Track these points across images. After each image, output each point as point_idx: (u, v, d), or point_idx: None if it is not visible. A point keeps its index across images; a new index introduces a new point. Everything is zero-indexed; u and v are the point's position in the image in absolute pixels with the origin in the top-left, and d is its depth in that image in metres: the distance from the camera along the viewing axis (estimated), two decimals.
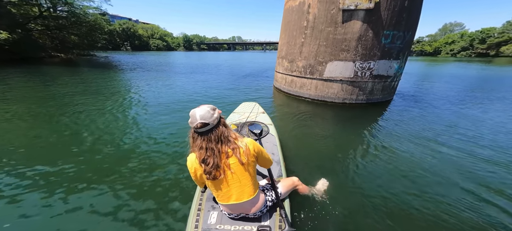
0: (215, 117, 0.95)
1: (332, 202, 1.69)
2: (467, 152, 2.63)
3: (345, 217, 1.56)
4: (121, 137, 2.88)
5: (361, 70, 4.44)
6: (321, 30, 4.60)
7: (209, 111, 0.94)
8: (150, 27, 64.72)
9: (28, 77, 7.59)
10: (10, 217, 1.52)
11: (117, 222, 1.50)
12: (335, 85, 4.76)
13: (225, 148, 0.96)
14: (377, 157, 2.48)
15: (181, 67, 13.56)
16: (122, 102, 4.80)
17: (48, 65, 11.83)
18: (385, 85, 4.79)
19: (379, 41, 4.21)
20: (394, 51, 4.39)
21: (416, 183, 2.01)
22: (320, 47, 4.70)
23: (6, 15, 13.26)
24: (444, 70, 14.51)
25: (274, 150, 1.83)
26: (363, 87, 4.64)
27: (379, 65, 4.42)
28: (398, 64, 4.66)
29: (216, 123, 0.96)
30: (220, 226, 1.09)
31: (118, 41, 51.94)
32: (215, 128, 0.96)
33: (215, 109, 0.99)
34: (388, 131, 3.35)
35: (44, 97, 4.99)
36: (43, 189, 1.83)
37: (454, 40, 47.51)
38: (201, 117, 0.92)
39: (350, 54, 4.39)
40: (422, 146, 2.80)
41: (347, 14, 4.19)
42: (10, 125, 3.25)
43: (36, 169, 2.09)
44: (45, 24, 16.96)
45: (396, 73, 4.82)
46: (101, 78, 8.16)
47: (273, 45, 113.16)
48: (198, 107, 0.97)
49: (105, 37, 23.47)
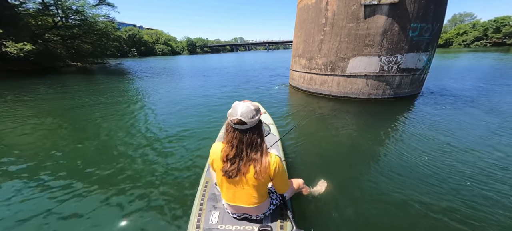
0: (255, 119, 0.88)
1: (342, 204, 1.62)
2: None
3: (354, 221, 1.49)
4: (130, 140, 2.92)
5: (387, 64, 4.36)
6: (341, 26, 4.55)
7: (252, 111, 0.87)
8: (155, 33, 66.15)
9: (51, 86, 7.96)
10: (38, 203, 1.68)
11: (118, 221, 1.52)
12: (359, 80, 4.69)
13: (252, 155, 0.90)
14: (401, 155, 2.33)
15: (188, 70, 13.76)
16: (134, 108, 4.73)
17: (67, 74, 12.34)
18: (413, 78, 4.69)
19: (406, 34, 4.11)
20: (422, 43, 4.29)
21: (454, 192, 1.70)
22: (342, 44, 4.66)
23: (25, 27, 13.99)
24: (462, 61, 13.95)
25: (276, 150, 1.80)
26: (390, 81, 4.55)
27: (407, 58, 4.32)
28: (427, 56, 4.56)
29: (254, 125, 0.88)
30: (222, 226, 1.08)
31: (125, 47, 53.43)
32: (251, 131, 0.89)
33: (259, 110, 0.91)
34: (418, 126, 3.16)
35: (70, 105, 5.21)
36: (55, 185, 1.93)
37: (466, 31, 45.62)
38: (241, 113, 0.85)
39: (374, 48, 4.32)
40: (463, 145, 2.47)
41: (370, 9, 4.13)
42: (43, 132, 3.41)
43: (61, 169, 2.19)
44: (60, 34, 17.75)
45: (425, 66, 4.72)
46: (118, 84, 8.45)
47: (275, 45, 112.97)
48: (242, 101, 0.90)
49: (116, 44, 24.19)
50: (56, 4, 16.69)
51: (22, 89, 7.02)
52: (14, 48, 11.19)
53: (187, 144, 2.74)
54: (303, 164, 2.24)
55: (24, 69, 13.10)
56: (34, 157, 2.49)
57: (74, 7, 17.07)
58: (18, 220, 1.56)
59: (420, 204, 1.61)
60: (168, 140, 2.87)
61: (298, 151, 2.52)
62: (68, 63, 17.94)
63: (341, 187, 1.83)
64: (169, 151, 2.56)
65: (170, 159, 2.35)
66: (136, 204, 1.69)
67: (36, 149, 2.71)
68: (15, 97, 5.87)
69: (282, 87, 6.90)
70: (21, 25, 13.51)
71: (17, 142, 2.97)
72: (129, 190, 1.85)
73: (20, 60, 12.11)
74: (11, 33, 11.48)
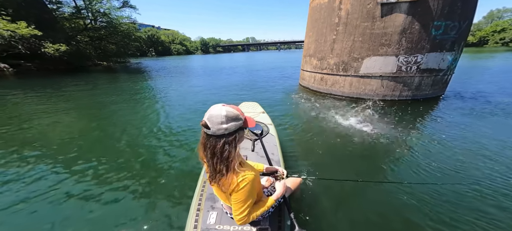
0: (222, 127, 0.74)
1: (344, 205, 1.60)
2: None
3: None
4: (131, 139, 2.99)
5: (405, 64, 4.12)
6: (355, 25, 4.41)
7: (221, 117, 0.74)
8: (171, 33, 69.52)
9: (83, 83, 8.82)
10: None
11: (115, 221, 1.54)
12: (373, 81, 4.50)
13: (217, 166, 0.79)
14: (410, 160, 2.23)
15: (201, 70, 14.21)
16: (142, 108, 4.81)
17: (95, 73, 13.53)
18: (436, 79, 4.39)
19: (428, 33, 3.86)
20: (447, 42, 3.99)
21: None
22: (355, 43, 4.51)
23: (61, 30, 15.67)
24: (497, 61, 12.50)
25: (274, 150, 1.81)
26: (409, 82, 4.30)
27: (428, 58, 4.05)
28: (453, 56, 4.23)
29: (219, 134, 0.75)
30: (219, 226, 1.07)
31: (144, 47, 56.91)
32: (215, 138, 0.76)
33: (234, 120, 0.77)
34: (435, 133, 2.92)
35: (100, 101, 5.75)
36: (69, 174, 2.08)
37: (505, 28, 40.65)
38: (209, 116, 0.75)
39: (391, 48, 4.12)
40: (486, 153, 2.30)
41: (387, 7, 3.94)
42: (78, 123, 3.83)
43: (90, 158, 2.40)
44: (89, 35, 19.53)
45: (450, 66, 4.39)
46: (140, 82, 9.08)
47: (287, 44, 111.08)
48: (219, 105, 0.78)
49: (136, 44, 25.88)
50: (87, 7, 18.52)
51: (60, 86, 7.88)
52: (52, 48, 12.61)
53: (187, 144, 2.76)
54: (304, 164, 2.21)
55: (59, 68, 14.66)
56: (57, 144, 2.81)
57: (101, 10, 18.78)
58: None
59: (424, 215, 1.53)
60: (168, 140, 2.90)
61: (299, 151, 2.48)
62: (95, 62, 19.63)
63: (343, 189, 1.80)
64: (168, 151, 2.58)
65: (169, 159, 2.37)
66: (134, 203, 1.69)
67: (64, 138, 3.05)
68: (55, 92, 6.63)
69: (291, 87, 6.86)
70: (57, 28, 15.18)
71: (50, 131, 3.40)
72: (126, 189, 1.86)
73: (56, 60, 13.58)
74: (50, 35, 12.96)
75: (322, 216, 1.53)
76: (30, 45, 11.81)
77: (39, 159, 2.44)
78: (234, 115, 0.77)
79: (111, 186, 1.94)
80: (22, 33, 10.61)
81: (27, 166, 2.30)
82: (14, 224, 1.56)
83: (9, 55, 12.17)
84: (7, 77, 10.03)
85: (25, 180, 2.06)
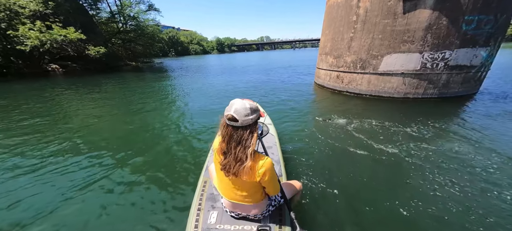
0: (249, 118, 0.84)
1: (347, 208, 1.56)
2: None
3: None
4: (134, 138, 3.06)
5: (431, 61, 3.92)
6: (375, 23, 4.31)
7: (246, 109, 0.84)
8: (189, 34, 73.07)
9: (117, 82, 10.00)
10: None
11: (115, 220, 1.54)
12: (394, 79, 4.36)
13: (239, 154, 0.88)
14: (422, 162, 2.07)
15: (219, 69, 14.80)
16: (154, 107, 4.95)
17: (126, 72, 15.10)
18: (467, 77, 4.09)
19: (458, 28, 3.62)
20: (481, 37, 3.69)
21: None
22: (375, 41, 4.41)
23: (100, 33, 17.83)
24: None
25: (274, 150, 1.83)
26: (435, 79, 4.08)
27: (458, 55, 3.80)
28: (488, 52, 3.88)
29: (245, 125, 0.85)
30: (220, 226, 1.07)
31: (166, 48, 60.97)
32: (242, 129, 0.86)
33: (255, 111, 0.88)
34: (461, 137, 2.64)
35: (131, 96, 6.56)
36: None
37: None
38: (235, 110, 0.84)
39: (415, 45, 3.95)
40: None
41: (410, 3, 3.79)
42: (111, 118, 4.26)
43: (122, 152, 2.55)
44: (121, 38, 21.81)
45: (484, 63, 4.03)
46: (164, 80, 9.98)
47: (303, 43, 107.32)
48: (241, 99, 0.89)
49: (160, 45, 27.98)
50: (119, 12, 20.70)
51: (103, 84, 9.08)
52: (94, 50, 14.49)
53: (188, 144, 2.79)
54: (305, 164, 2.15)
55: (98, 68, 16.76)
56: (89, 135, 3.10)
57: (131, 14, 20.81)
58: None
59: (432, 219, 1.45)
60: (175, 139, 2.92)
61: (301, 151, 2.42)
62: (126, 62, 21.82)
63: (346, 191, 1.75)
64: (170, 150, 2.59)
65: (170, 159, 2.37)
66: (134, 203, 1.68)
67: (100, 131, 3.35)
68: (99, 89, 7.72)
69: (306, 85, 6.87)
70: (97, 32, 17.31)
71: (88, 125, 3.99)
72: (127, 188, 1.85)
73: (96, 61, 15.58)
74: (92, 38, 14.90)
75: (322, 216, 1.51)
76: (76, 48, 13.70)
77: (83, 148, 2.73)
78: (255, 106, 0.89)
79: (111, 185, 1.93)
80: (71, 37, 12.38)
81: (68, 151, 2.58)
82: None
83: (59, 57, 14.39)
84: (57, 77, 11.84)
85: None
